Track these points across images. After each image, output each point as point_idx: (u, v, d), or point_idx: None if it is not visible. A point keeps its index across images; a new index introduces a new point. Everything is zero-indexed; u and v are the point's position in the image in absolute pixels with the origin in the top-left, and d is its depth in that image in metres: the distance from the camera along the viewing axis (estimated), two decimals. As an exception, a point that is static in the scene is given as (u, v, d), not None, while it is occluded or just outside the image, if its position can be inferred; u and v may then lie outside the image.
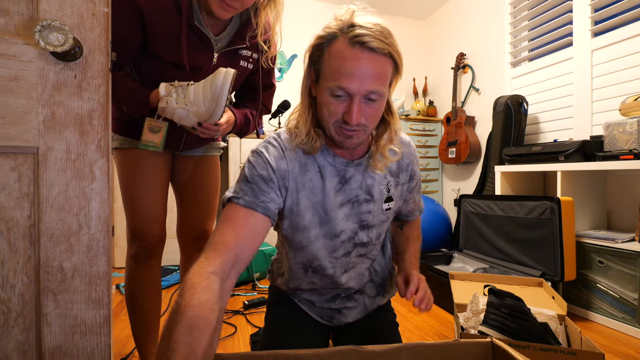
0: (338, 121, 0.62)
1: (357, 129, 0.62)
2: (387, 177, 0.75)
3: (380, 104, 0.62)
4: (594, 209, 1.81)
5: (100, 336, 0.59)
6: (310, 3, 3.05)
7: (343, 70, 0.57)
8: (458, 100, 2.85)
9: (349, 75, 0.57)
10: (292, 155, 0.68)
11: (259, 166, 0.66)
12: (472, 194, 2.22)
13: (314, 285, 0.78)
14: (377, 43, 0.56)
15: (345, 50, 0.58)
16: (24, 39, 0.54)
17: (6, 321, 0.55)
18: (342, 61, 0.58)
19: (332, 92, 0.60)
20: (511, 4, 2.45)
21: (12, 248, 0.55)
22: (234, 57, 0.96)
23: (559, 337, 0.91)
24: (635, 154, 1.47)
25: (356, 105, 0.59)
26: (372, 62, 0.57)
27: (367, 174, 0.72)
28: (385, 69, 0.60)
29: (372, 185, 0.73)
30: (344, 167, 0.71)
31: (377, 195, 0.73)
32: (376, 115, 0.63)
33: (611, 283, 1.49)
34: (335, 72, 0.58)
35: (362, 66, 0.57)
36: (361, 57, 0.57)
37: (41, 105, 0.55)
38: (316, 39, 0.62)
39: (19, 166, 0.55)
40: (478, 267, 1.88)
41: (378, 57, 0.58)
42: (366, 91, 0.58)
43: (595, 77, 1.90)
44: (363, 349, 0.50)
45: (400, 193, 0.79)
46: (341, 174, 0.70)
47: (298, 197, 0.69)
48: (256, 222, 0.62)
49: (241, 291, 1.95)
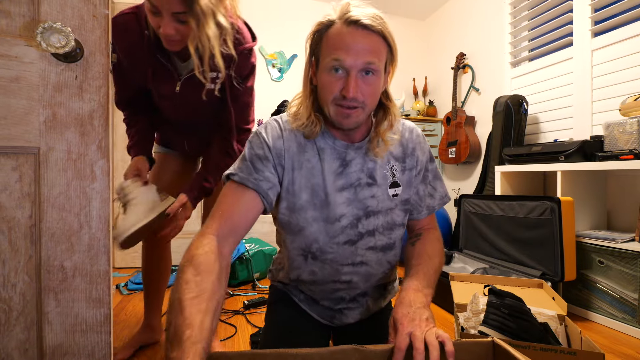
0: (337, 97, 0.64)
1: (355, 106, 0.64)
2: (391, 162, 0.74)
3: (376, 80, 0.65)
4: (594, 209, 1.81)
5: (101, 335, 0.60)
6: (310, 3, 3.06)
7: (339, 45, 0.62)
8: (458, 100, 2.85)
9: (345, 49, 0.61)
10: (290, 136, 0.71)
11: (256, 146, 0.70)
12: (472, 194, 2.22)
13: (314, 276, 0.75)
14: (370, 21, 0.61)
15: (340, 29, 0.62)
16: (26, 41, 0.54)
17: (7, 320, 0.55)
18: (338, 37, 0.62)
19: (330, 67, 0.63)
20: (511, 4, 2.45)
21: (13, 247, 0.55)
22: (197, 81, 0.93)
23: (559, 337, 0.91)
24: (635, 154, 1.47)
25: (353, 78, 0.62)
26: (366, 38, 0.61)
27: (367, 158, 0.72)
28: (379, 47, 0.63)
29: (373, 168, 0.72)
30: (344, 149, 0.72)
31: (380, 179, 0.73)
32: (373, 92, 0.65)
33: (611, 283, 1.49)
34: (332, 48, 0.62)
35: (357, 41, 0.61)
36: (356, 33, 0.61)
37: (42, 106, 0.56)
38: (315, 25, 0.67)
39: (20, 166, 0.55)
40: (478, 267, 1.88)
41: (372, 35, 0.62)
42: (362, 63, 0.61)
43: (595, 77, 1.90)
44: (364, 348, 0.50)
45: (408, 179, 0.76)
46: (342, 157, 0.71)
47: (294, 176, 0.70)
48: (248, 197, 0.66)
49: (241, 291, 1.95)
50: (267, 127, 0.72)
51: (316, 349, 0.49)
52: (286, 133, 0.71)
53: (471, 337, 0.90)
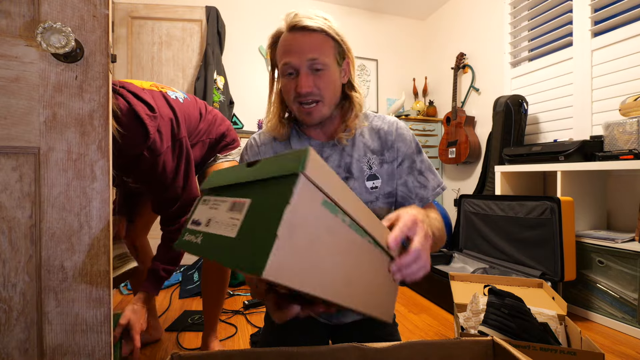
0: (295, 97, 0.69)
1: (312, 101, 0.69)
2: (368, 155, 0.76)
3: (328, 74, 0.68)
4: (594, 209, 1.81)
5: (101, 334, 0.60)
6: (310, 3, 3.06)
7: (285, 49, 0.68)
8: (458, 100, 2.85)
9: (289, 52, 0.67)
10: (266, 148, 0.77)
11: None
12: (472, 194, 2.22)
13: None
14: (309, 22, 0.66)
15: (286, 36, 0.68)
16: (26, 41, 0.54)
17: (8, 320, 0.55)
18: (284, 43, 0.68)
19: (283, 72, 0.69)
20: (511, 4, 2.45)
21: (13, 247, 0.55)
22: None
23: (559, 337, 0.92)
24: (635, 154, 1.47)
25: (302, 76, 0.67)
26: (307, 37, 0.66)
27: (344, 153, 0.75)
28: (322, 43, 0.67)
29: (350, 162, 0.75)
30: (319, 148, 0.76)
31: (356, 172, 0.74)
32: (328, 85, 0.69)
33: (611, 283, 1.49)
34: (281, 55, 0.68)
35: (298, 42, 0.66)
36: (297, 35, 0.67)
37: (42, 106, 0.56)
38: (269, 39, 0.73)
39: (20, 166, 0.55)
40: (478, 267, 1.88)
41: (312, 33, 0.67)
42: (307, 60, 0.66)
43: (595, 77, 1.90)
44: (364, 347, 0.50)
45: (389, 172, 0.76)
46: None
47: None
48: None
49: (241, 291, 1.95)
50: (247, 148, 0.80)
51: (316, 347, 0.50)
52: (262, 147, 0.78)
53: (471, 337, 0.90)
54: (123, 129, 0.85)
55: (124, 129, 0.85)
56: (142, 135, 0.89)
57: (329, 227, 0.38)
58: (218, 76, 2.45)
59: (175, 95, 1.06)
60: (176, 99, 1.04)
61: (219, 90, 2.44)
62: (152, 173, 0.93)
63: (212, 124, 1.17)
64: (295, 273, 0.34)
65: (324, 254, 0.38)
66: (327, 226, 0.38)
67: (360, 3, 3.17)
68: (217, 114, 1.22)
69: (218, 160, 1.21)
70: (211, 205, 0.41)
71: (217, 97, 2.41)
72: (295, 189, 0.32)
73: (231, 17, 2.76)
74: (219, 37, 2.52)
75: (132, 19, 2.40)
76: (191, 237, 0.40)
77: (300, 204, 0.33)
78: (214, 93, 2.39)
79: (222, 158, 1.21)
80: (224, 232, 0.36)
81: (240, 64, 2.83)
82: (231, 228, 0.36)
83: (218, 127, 1.19)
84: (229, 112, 2.56)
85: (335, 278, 0.39)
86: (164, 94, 1.01)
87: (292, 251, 0.33)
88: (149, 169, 0.92)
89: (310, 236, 0.36)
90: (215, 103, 2.40)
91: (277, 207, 0.32)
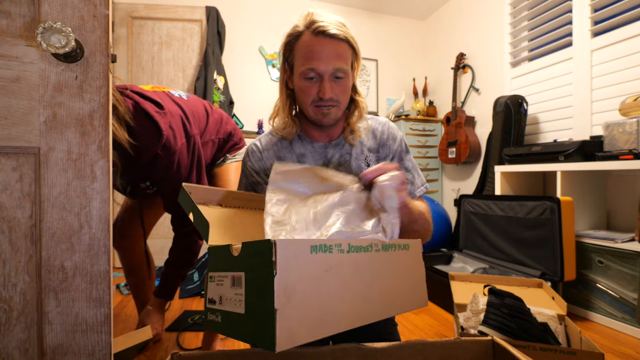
0: (315, 100, 0.71)
1: (331, 105, 0.72)
2: (365, 152, 0.80)
3: (346, 82, 0.72)
4: (594, 209, 1.81)
5: (101, 334, 0.60)
6: (311, 4, 3.06)
7: (311, 55, 0.69)
8: (458, 100, 2.85)
9: (317, 58, 0.68)
10: (269, 154, 0.79)
11: (247, 174, 0.81)
12: (472, 194, 2.22)
13: None
14: (335, 30, 0.68)
15: (310, 40, 0.69)
16: (26, 41, 0.54)
17: (8, 319, 0.55)
18: (310, 48, 0.69)
19: (305, 75, 0.70)
20: (511, 4, 2.45)
21: (13, 247, 0.55)
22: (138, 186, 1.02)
23: (559, 337, 0.92)
24: (635, 154, 1.47)
25: (327, 82, 0.69)
26: (333, 45, 0.69)
27: (344, 151, 0.79)
28: (345, 51, 0.71)
29: (348, 160, 0.79)
30: (323, 149, 0.79)
31: (356, 170, 0.78)
32: (345, 91, 0.73)
33: (611, 283, 1.49)
34: (305, 58, 0.70)
35: (326, 49, 0.68)
36: (324, 42, 0.68)
37: (42, 106, 0.56)
38: (286, 37, 0.74)
39: (20, 166, 0.55)
40: (478, 267, 1.88)
41: (338, 42, 0.69)
42: (333, 68, 0.69)
43: (595, 77, 1.90)
44: (365, 347, 0.50)
45: None
46: (323, 156, 0.79)
47: None
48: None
49: (241, 291, 1.95)
50: (249, 154, 0.81)
51: (317, 347, 0.50)
52: (265, 153, 0.80)
53: (471, 337, 0.90)
54: (135, 132, 0.87)
55: (136, 131, 0.87)
56: (155, 135, 0.90)
57: (327, 267, 0.39)
58: (218, 76, 2.45)
59: (179, 94, 1.07)
60: (180, 97, 1.05)
61: (219, 90, 2.44)
62: (168, 172, 0.96)
63: (219, 123, 1.18)
64: (308, 328, 0.35)
65: (333, 290, 0.38)
66: (324, 266, 0.38)
67: (360, 3, 3.17)
68: (222, 113, 1.22)
69: (227, 161, 1.21)
70: (217, 282, 0.44)
71: (217, 97, 2.41)
72: (277, 257, 0.33)
73: (231, 17, 2.76)
74: (219, 37, 2.53)
75: (132, 19, 2.40)
76: (213, 317, 0.44)
77: (287, 266, 0.34)
78: (214, 93, 2.39)
79: (230, 159, 1.22)
80: (234, 308, 0.39)
81: (240, 64, 2.83)
82: (239, 304, 0.38)
83: (225, 126, 1.20)
84: (229, 112, 2.56)
85: (353, 305, 0.39)
86: (167, 94, 1.02)
87: (296, 312, 0.34)
88: (165, 169, 0.95)
89: (310, 286, 0.36)
90: (215, 103, 2.40)
91: (266, 280, 0.34)
